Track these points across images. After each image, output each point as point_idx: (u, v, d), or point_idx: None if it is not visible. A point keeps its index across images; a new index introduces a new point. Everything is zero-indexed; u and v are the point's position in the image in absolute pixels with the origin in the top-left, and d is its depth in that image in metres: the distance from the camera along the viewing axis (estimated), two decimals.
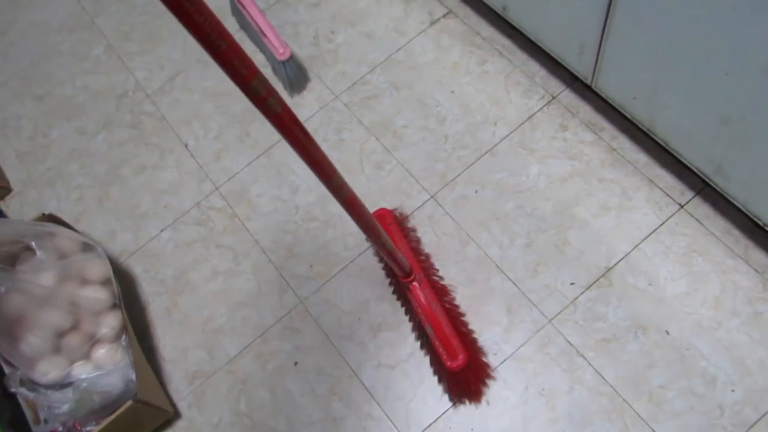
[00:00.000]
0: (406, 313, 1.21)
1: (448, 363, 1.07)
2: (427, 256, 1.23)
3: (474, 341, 1.15)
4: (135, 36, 1.67)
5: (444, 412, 1.13)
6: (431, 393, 1.15)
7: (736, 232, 1.17)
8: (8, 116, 1.63)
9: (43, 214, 1.25)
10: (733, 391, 1.06)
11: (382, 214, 1.22)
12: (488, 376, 1.14)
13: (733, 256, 1.15)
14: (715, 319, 1.11)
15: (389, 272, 1.23)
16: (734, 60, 0.86)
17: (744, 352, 1.08)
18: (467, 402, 1.13)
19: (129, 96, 1.58)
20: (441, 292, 1.16)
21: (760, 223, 1.06)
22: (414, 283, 1.11)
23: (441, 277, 1.21)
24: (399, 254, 1.03)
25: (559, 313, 1.16)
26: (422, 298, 1.11)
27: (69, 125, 1.58)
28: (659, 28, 0.95)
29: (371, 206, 1.30)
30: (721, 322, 1.11)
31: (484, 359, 1.14)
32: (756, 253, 1.14)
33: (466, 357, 1.07)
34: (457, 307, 1.18)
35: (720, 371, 1.08)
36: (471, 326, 1.17)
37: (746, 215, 1.13)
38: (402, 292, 1.18)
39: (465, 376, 1.10)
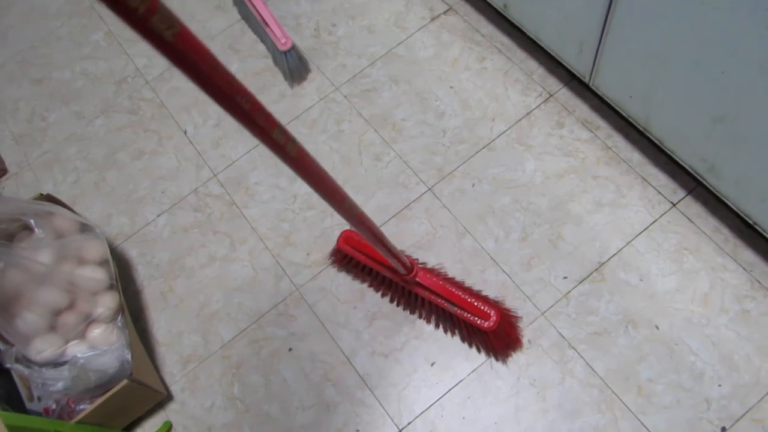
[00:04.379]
0: (411, 311, 1.22)
1: (486, 325, 1.08)
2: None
3: (488, 297, 1.17)
4: None
5: (436, 400, 1.14)
6: (424, 381, 1.16)
7: (725, 231, 1.19)
8: (5, 99, 1.62)
9: (41, 194, 1.25)
10: (720, 385, 1.09)
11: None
12: (517, 319, 1.17)
13: (723, 255, 1.18)
14: (704, 316, 1.14)
15: (378, 286, 1.23)
16: (732, 59, 0.88)
17: (731, 348, 1.11)
18: (513, 353, 1.16)
19: (128, 82, 1.59)
20: (440, 273, 1.17)
21: (750, 222, 1.09)
22: (418, 276, 1.12)
23: (425, 263, 1.23)
24: (402, 255, 1.03)
25: (551, 306, 1.18)
26: (433, 284, 1.11)
27: (67, 109, 1.57)
28: (658, 27, 0.97)
29: (368, 197, 1.32)
30: (710, 318, 1.13)
31: (506, 308, 1.16)
32: (744, 252, 1.17)
33: (497, 313, 1.09)
34: (455, 278, 1.20)
35: (708, 366, 1.10)
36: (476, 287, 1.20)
37: (736, 215, 1.16)
38: (403, 291, 1.18)
39: (502, 330, 1.11)
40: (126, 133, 1.51)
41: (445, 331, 1.19)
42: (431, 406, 1.14)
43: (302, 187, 1.36)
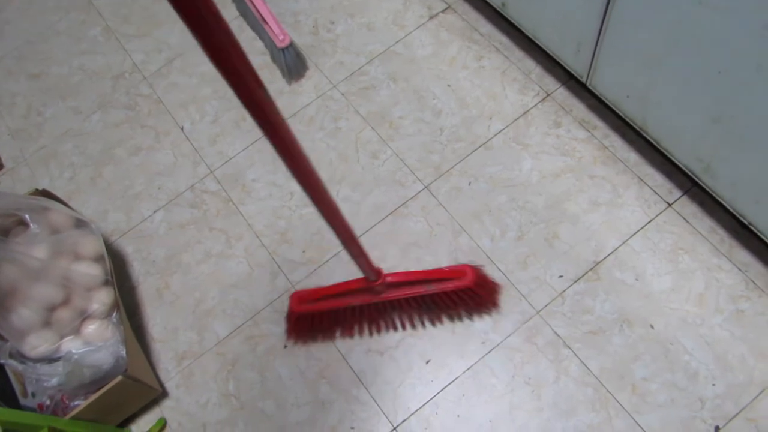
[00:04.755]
0: (391, 326, 1.21)
1: (466, 280, 1.08)
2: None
3: (465, 265, 1.14)
4: (133, 18, 1.67)
5: (431, 398, 1.14)
6: (419, 379, 1.16)
7: (721, 232, 1.19)
8: (2, 94, 1.62)
9: (37, 190, 1.25)
10: (714, 385, 1.09)
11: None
12: (482, 267, 1.18)
13: (718, 255, 1.18)
14: (698, 316, 1.14)
15: (350, 326, 1.20)
16: (729, 59, 0.88)
17: (726, 348, 1.11)
18: (499, 296, 1.18)
19: (126, 78, 1.58)
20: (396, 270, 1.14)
21: (745, 222, 1.09)
22: (387, 278, 1.09)
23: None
24: (368, 258, 1.00)
25: (547, 304, 1.18)
26: (402, 277, 1.09)
27: (64, 104, 1.57)
28: (655, 27, 0.97)
29: (364, 194, 1.32)
30: (705, 318, 1.14)
31: (469, 265, 1.13)
32: (740, 252, 1.17)
33: (468, 268, 1.09)
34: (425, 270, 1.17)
35: (702, 366, 1.10)
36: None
37: (731, 215, 1.16)
38: (377, 308, 1.15)
39: (480, 280, 1.11)
40: (123, 128, 1.51)
41: (432, 323, 1.19)
42: (426, 403, 1.14)
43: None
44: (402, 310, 1.18)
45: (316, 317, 1.14)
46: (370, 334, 1.21)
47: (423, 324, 1.20)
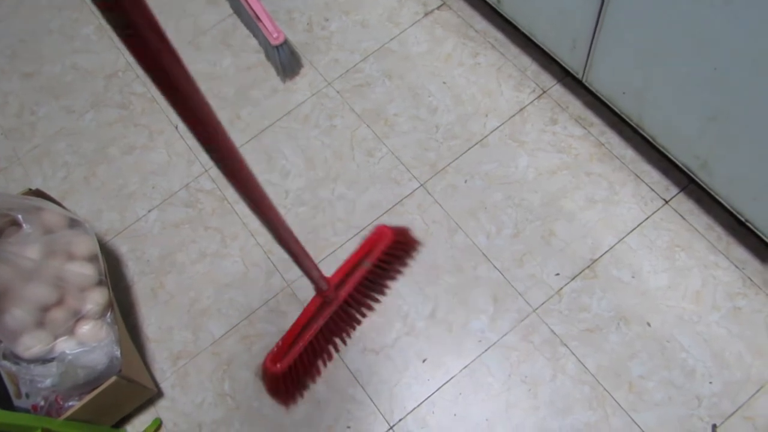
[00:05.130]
0: (354, 322, 1.21)
1: (387, 242, 1.14)
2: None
3: (378, 227, 1.18)
4: None
5: (428, 397, 1.14)
6: (415, 378, 1.16)
7: (718, 229, 1.19)
8: None
9: (30, 189, 1.24)
10: (711, 382, 1.09)
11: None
12: (402, 226, 1.23)
13: (715, 252, 1.17)
14: (695, 313, 1.14)
15: (323, 355, 1.19)
16: (724, 55, 0.88)
17: (723, 345, 1.11)
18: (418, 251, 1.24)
19: (119, 76, 1.57)
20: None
21: (742, 219, 1.08)
22: (332, 277, 1.10)
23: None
24: (319, 269, 1.01)
25: (544, 302, 1.18)
26: (345, 267, 1.12)
27: (57, 103, 1.56)
28: (651, 23, 0.97)
29: (360, 192, 1.32)
30: (702, 315, 1.13)
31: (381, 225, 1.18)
32: (737, 249, 1.17)
33: (384, 227, 1.16)
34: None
35: (699, 363, 1.10)
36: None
37: (728, 212, 1.16)
38: (339, 317, 1.15)
39: (397, 230, 1.18)
40: (116, 127, 1.50)
41: (382, 294, 1.22)
42: (423, 402, 1.14)
43: (294, 183, 1.36)
44: (358, 302, 1.19)
45: (298, 363, 1.10)
46: (344, 342, 1.20)
47: (378, 300, 1.22)
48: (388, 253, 1.17)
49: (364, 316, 1.21)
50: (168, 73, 0.48)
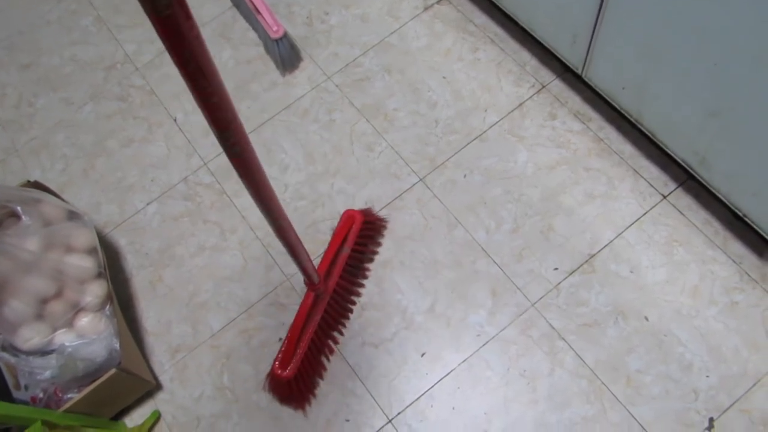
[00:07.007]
0: (349, 304, 1.22)
1: (358, 225, 1.20)
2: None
3: (346, 212, 1.22)
4: (125, 8, 1.65)
5: (426, 391, 1.14)
6: (414, 372, 1.16)
7: (716, 224, 1.20)
8: None
9: (29, 181, 1.23)
10: (708, 376, 1.09)
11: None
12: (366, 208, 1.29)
13: (713, 247, 1.18)
14: (693, 308, 1.14)
15: (326, 347, 1.19)
16: (725, 51, 0.88)
17: (720, 339, 1.11)
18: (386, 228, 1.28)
19: (118, 68, 1.57)
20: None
21: (740, 214, 1.09)
22: (318, 270, 1.12)
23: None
24: (310, 265, 1.01)
25: (542, 297, 1.18)
26: (329, 255, 1.16)
27: (55, 95, 1.56)
28: (652, 18, 0.97)
29: (359, 187, 1.32)
30: (699, 310, 1.14)
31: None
32: (734, 244, 1.18)
33: (352, 211, 1.21)
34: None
35: (696, 357, 1.11)
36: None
37: (726, 207, 1.17)
38: (333, 307, 1.17)
39: (371, 221, 1.24)
40: (115, 120, 1.50)
41: (365, 277, 1.24)
42: (421, 396, 1.14)
43: (294, 177, 1.36)
44: (347, 290, 1.20)
45: (305, 363, 1.11)
46: (342, 333, 1.20)
47: (363, 285, 1.24)
48: (362, 235, 1.21)
49: (354, 304, 1.22)
50: (197, 55, 0.49)
